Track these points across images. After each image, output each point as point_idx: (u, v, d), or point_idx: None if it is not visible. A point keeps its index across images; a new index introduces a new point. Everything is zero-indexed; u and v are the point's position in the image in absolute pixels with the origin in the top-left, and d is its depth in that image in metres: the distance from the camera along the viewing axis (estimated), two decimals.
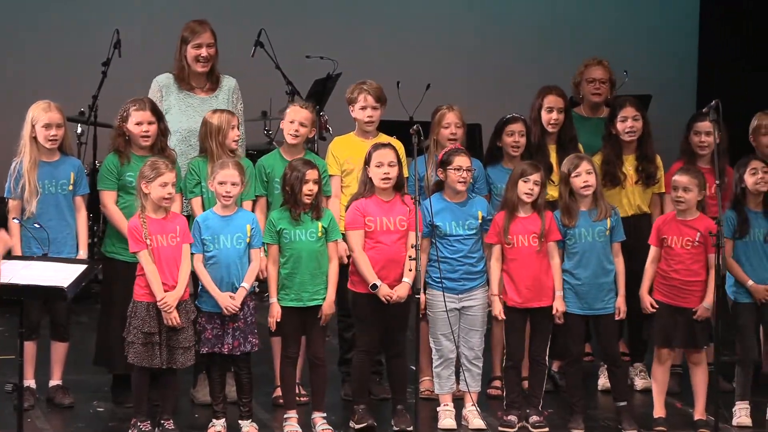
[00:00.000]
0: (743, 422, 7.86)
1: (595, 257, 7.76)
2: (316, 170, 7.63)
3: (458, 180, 7.74)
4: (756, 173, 7.84)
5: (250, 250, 7.60)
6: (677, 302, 7.77)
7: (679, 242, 7.74)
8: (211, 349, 7.57)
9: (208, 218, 7.62)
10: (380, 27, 12.69)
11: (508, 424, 7.73)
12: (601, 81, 8.67)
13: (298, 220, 7.58)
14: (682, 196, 7.72)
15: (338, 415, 7.93)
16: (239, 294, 7.53)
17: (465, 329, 7.83)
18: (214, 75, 8.27)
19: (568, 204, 7.77)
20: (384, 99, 8.14)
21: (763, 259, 7.88)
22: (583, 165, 7.74)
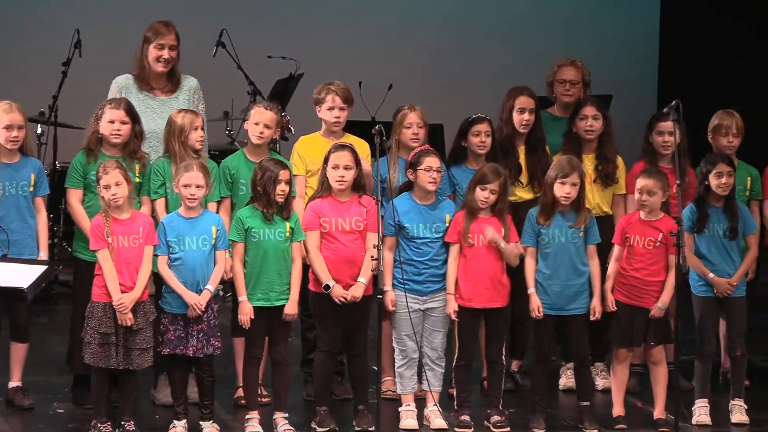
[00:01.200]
0: (702, 421, 7.90)
1: (567, 259, 7.78)
2: (287, 170, 7.64)
3: (428, 180, 7.75)
4: (721, 177, 7.88)
5: (216, 252, 7.58)
6: (636, 302, 7.80)
7: (642, 242, 7.78)
8: (173, 351, 7.55)
9: (173, 220, 7.60)
10: (342, 27, 12.69)
11: (465, 425, 7.74)
12: (572, 82, 8.69)
13: (271, 220, 7.57)
14: (647, 199, 7.76)
15: (300, 415, 7.92)
16: (204, 296, 7.51)
17: (428, 330, 7.84)
18: (174, 76, 8.24)
19: (550, 204, 7.77)
20: (351, 100, 8.15)
21: (723, 253, 7.91)
22: (572, 177, 7.74)
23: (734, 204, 7.92)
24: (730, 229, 7.88)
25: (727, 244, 7.90)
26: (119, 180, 7.48)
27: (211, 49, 10.58)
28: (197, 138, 7.87)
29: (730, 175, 7.88)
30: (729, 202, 7.90)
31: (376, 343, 7.67)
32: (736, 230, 7.89)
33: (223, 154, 9.33)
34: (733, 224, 7.87)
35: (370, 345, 7.83)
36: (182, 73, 8.30)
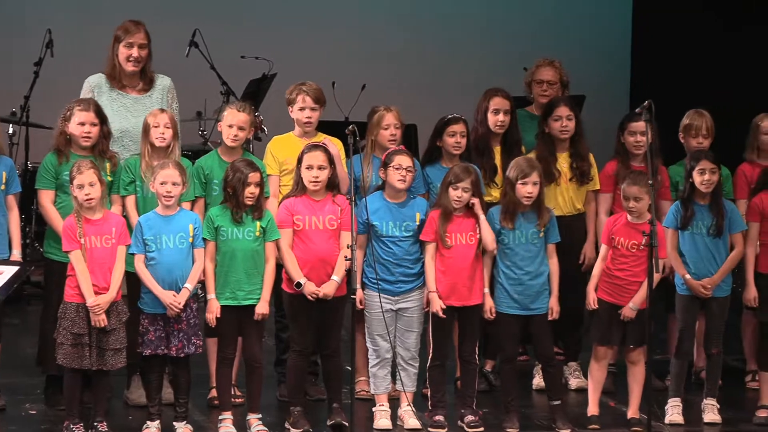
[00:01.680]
0: (675, 420, 7.92)
1: (528, 258, 7.80)
2: (258, 173, 7.63)
3: (398, 179, 7.75)
4: (704, 173, 7.89)
5: (194, 250, 7.57)
6: (618, 301, 7.81)
7: (626, 244, 7.79)
8: (154, 351, 7.53)
9: (149, 218, 7.58)
10: (315, 27, 12.68)
11: (439, 425, 7.74)
12: (550, 82, 8.71)
13: (240, 222, 7.56)
14: (634, 206, 7.77)
15: (273, 416, 7.91)
16: (182, 294, 7.50)
17: (401, 330, 7.84)
18: (147, 75, 8.22)
19: (510, 207, 7.78)
20: (323, 100, 8.14)
21: (706, 252, 7.93)
22: (532, 176, 7.75)
23: (720, 202, 7.93)
24: (715, 226, 7.90)
25: (710, 243, 7.92)
26: (93, 180, 7.45)
27: (184, 49, 10.55)
28: (156, 135, 7.84)
29: (713, 172, 7.90)
30: (715, 200, 7.92)
31: (349, 344, 7.67)
32: (721, 228, 7.90)
33: (196, 154, 9.31)
34: (718, 222, 7.89)
35: (344, 345, 7.82)
36: (156, 73, 8.28)
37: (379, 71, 12.26)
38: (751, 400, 8.26)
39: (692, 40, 12.50)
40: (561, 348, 8.56)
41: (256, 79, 11.01)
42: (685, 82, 12.16)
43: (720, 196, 7.95)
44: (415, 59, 12.80)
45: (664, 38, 12.66)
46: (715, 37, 12.44)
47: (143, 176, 7.83)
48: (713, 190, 7.90)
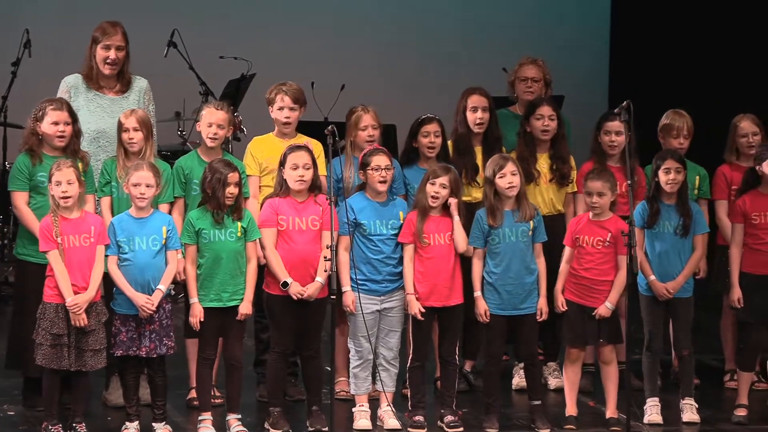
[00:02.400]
0: (654, 420, 7.93)
1: (518, 257, 7.79)
2: (237, 173, 7.61)
3: (378, 180, 7.75)
4: (669, 173, 7.91)
5: (167, 252, 7.55)
6: (587, 302, 7.83)
7: (591, 242, 7.80)
8: (126, 352, 7.52)
9: (122, 220, 7.57)
10: (294, 27, 12.68)
11: (418, 425, 7.74)
12: (534, 80, 8.72)
13: (221, 223, 7.55)
14: (597, 201, 7.78)
15: (253, 416, 7.90)
16: (155, 296, 7.48)
17: (384, 330, 7.83)
18: (124, 76, 8.20)
19: (494, 204, 7.79)
20: (303, 100, 8.13)
21: (671, 251, 7.95)
22: (508, 166, 7.77)
23: (687, 202, 7.96)
24: (682, 226, 7.92)
25: (678, 243, 7.94)
26: (71, 179, 7.43)
27: (163, 50, 10.53)
28: (126, 138, 7.82)
29: (678, 172, 7.92)
30: (681, 200, 7.94)
31: (329, 344, 7.66)
32: (688, 228, 7.93)
33: (175, 154, 9.30)
34: (685, 222, 7.92)
35: (324, 346, 7.81)
36: (133, 74, 8.26)
37: (358, 72, 12.27)
38: (729, 400, 8.29)
39: (671, 40, 12.54)
40: (540, 348, 8.57)
41: (234, 80, 11.00)
42: (664, 82, 12.20)
43: (686, 196, 7.97)
44: (394, 59, 12.81)
45: (643, 39, 12.70)
46: (694, 38, 12.48)
47: (118, 178, 7.82)
48: (679, 190, 7.92)
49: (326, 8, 12.83)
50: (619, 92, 12.16)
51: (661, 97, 10.10)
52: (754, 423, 8.00)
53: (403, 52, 12.86)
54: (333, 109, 10.64)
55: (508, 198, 7.79)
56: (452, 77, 10.83)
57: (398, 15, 12.95)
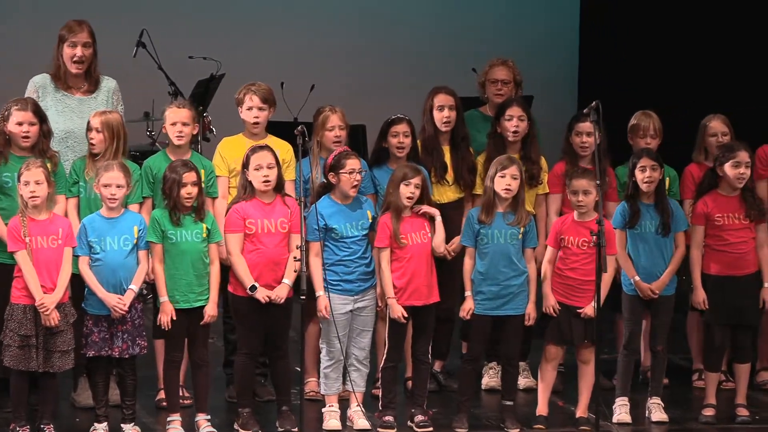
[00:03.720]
0: (623, 419, 7.95)
1: (505, 259, 7.79)
2: (194, 172, 7.58)
3: (352, 184, 7.75)
4: (644, 171, 7.93)
5: (138, 252, 7.53)
6: (572, 301, 7.83)
7: (576, 242, 7.82)
8: (98, 353, 7.50)
9: (93, 220, 7.55)
10: (264, 28, 12.66)
11: (388, 425, 7.74)
12: (504, 81, 8.72)
13: (179, 224, 7.53)
14: (582, 200, 7.79)
15: (222, 417, 7.89)
16: (127, 296, 7.47)
17: (357, 330, 7.83)
18: (92, 76, 8.17)
19: (490, 201, 7.78)
20: (272, 100, 8.12)
21: (654, 250, 7.97)
22: (511, 169, 7.77)
23: (666, 200, 7.97)
24: (662, 225, 7.95)
25: (660, 242, 7.97)
26: (40, 179, 7.41)
27: (132, 50, 10.49)
28: (88, 138, 7.80)
29: (654, 169, 7.94)
30: (660, 199, 7.96)
31: (299, 345, 7.65)
32: (668, 227, 7.95)
33: (144, 155, 9.26)
34: (665, 220, 7.94)
35: (293, 346, 7.81)
36: (102, 74, 8.23)
37: (328, 72, 12.26)
38: (697, 399, 8.32)
39: (640, 40, 12.57)
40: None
41: (204, 80, 10.96)
42: (633, 83, 12.23)
43: (664, 195, 8.00)
44: (364, 60, 12.80)
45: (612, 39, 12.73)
46: (664, 38, 12.52)
47: (86, 177, 7.79)
48: (657, 188, 7.95)
49: (296, 8, 12.82)
50: (588, 92, 12.18)
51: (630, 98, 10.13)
52: (721, 422, 8.04)
53: (372, 52, 12.85)
54: (303, 109, 10.63)
55: (503, 199, 7.79)
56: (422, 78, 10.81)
57: (367, 15, 12.94)
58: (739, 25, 12.22)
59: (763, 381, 8.70)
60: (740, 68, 12.12)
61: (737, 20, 12.24)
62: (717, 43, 12.29)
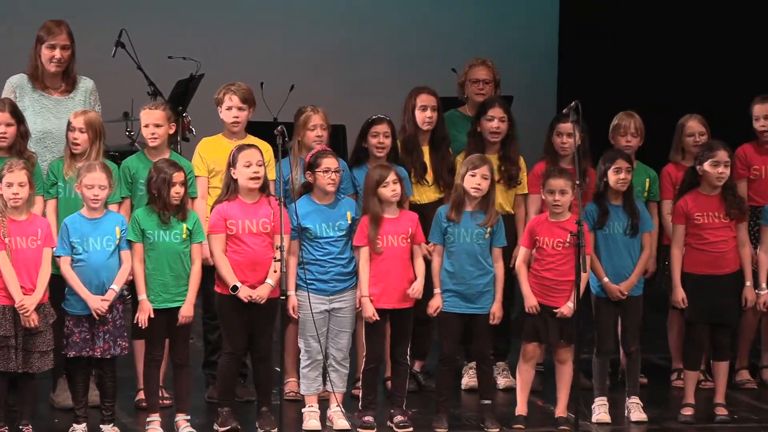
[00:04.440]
0: (602, 419, 7.97)
1: (471, 258, 7.80)
2: (182, 172, 7.59)
3: (327, 182, 7.74)
4: (620, 172, 7.95)
5: (121, 252, 7.52)
6: (548, 301, 7.84)
7: (551, 243, 7.82)
8: (79, 353, 7.48)
9: (75, 221, 7.52)
10: (243, 27, 12.65)
11: (368, 426, 7.74)
12: (485, 81, 8.74)
13: (167, 223, 7.52)
14: (559, 199, 7.80)
15: (202, 417, 7.88)
16: (109, 295, 7.45)
17: (334, 331, 7.83)
18: (70, 76, 8.15)
19: (460, 199, 7.79)
20: (251, 100, 8.12)
21: (622, 252, 7.99)
22: (482, 168, 7.77)
23: (633, 201, 8.00)
24: (631, 226, 7.96)
25: (628, 243, 7.98)
26: (23, 181, 7.39)
27: (111, 50, 10.47)
28: (71, 138, 7.78)
29: (628, 171, 7.96)
30: (628, 200, 7.99)
31: (278, 345, 7.65)
32: (636, 228, 7.97)
33: (123, 155, 9.25)
34: (633, 221, 7.96)
35: (273, 346, 7.80)
36: (79, 74, 8.21)
37: (308, 72, 12.25)
38: (676, 399, 8.34)
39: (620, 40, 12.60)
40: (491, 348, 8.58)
41: (183, 80, 10.95)
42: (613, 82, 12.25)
43: (632, 196, 8.02)
44: (344, 59, 12.80)
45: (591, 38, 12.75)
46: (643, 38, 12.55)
47: (65, 178, 7.77)
48: (626, 190, 7.97)
49: (276, 8, 12.81)
50: (567, 92, 12.20)
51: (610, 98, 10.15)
52: (700, 422, 8.06)
53: (352, 52, 12.86)
54: (282, 109, 10.62)
55: (472, 198, 7.80)
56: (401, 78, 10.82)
57: (347, 15, 12.94)
58: (716, 26, 12.26)
59: (742, 380, 8.73)
60: (717, 69, 12.16)
61: (715, 21, 12.28)
62: (695, 44, 12.33)
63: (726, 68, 12.05)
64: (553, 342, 7.88)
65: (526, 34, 13.10)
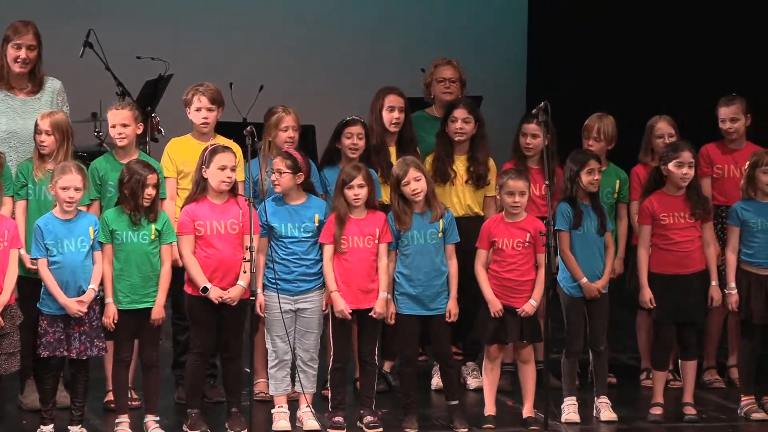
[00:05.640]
0: (572, 419, 7.99)
1: (428, 259, 7.82)
2: (155, 174, 7.58)
3: (275, 183, 7.73)
4: (592, 173, 7.97)
5: (93, 252, 7.50)
6: (509, 302, 7.86)
7: (510, 244, 7.84)
8: (53, 353, 7.44)
9: (49, 222, 7.49)
10: (212, 28, 12.64)
11: (337, 426, 7.74)
12: (451, 80, 8.75)
13: (138, 224, 7.50)
14: (519, 200, 7.82)
15: (171, 418, 7.86)
16: (87, 295, 7.42)
17: (301, 331, 7.82)
18: (36, 77, 8.12)
19: (400, 209, 7.81)
20: (220, 101, 8.11)
21: (595, 251, 8.01)
22: (410, 173, 7.78)
23: (599, 201, 8.04)
24: (600, 225, 7.99)
25: (599, 242, 8.01)
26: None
27: (79, 50, 10.43)
28: (38, 141, 7.75)
29: (599, 171, 8.00)
30: (595, 200, 8.02)
31: (248, 346, 7.64)
32: (605, 227, 8.01)
33: (92, 156, 9.23)
34: (602, 220, 7.99)
35: (243, 347, 7.79)
36: (46, 75, 8.18)
37: (277, 72, 12.25)
38: (645, 398, 8.37)
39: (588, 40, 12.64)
40: (459, 348, 8.60)
41: (152, 80, 10.92)
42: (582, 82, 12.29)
43: (599, 195, 8.05)
44: (313, 60, 12.80)
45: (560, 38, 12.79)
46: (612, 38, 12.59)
47: (35, 179, 7.74)
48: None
49: (244, 8, 12.79)
50: (536, 92, 12.24)
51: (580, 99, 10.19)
52: (669, 421, 8.10)
53: (321, 52, 12.86)
54: (252, 109, 10.61)
55: (416, 203, 7.81)
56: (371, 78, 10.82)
57: (316, 15, 12.94)
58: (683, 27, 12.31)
59: (710, 380, 8.77)
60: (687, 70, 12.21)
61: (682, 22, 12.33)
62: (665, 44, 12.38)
63: (695, 69, 12.11)
64: (513, 342, 7.90)
65: (496, 35, 13.14)
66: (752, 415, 8.13)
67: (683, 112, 8.94)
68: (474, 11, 13.18)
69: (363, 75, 12.33)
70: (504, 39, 13.19)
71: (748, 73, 11.53)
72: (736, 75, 11.43)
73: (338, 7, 13.00)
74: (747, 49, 11.93)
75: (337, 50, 12.89)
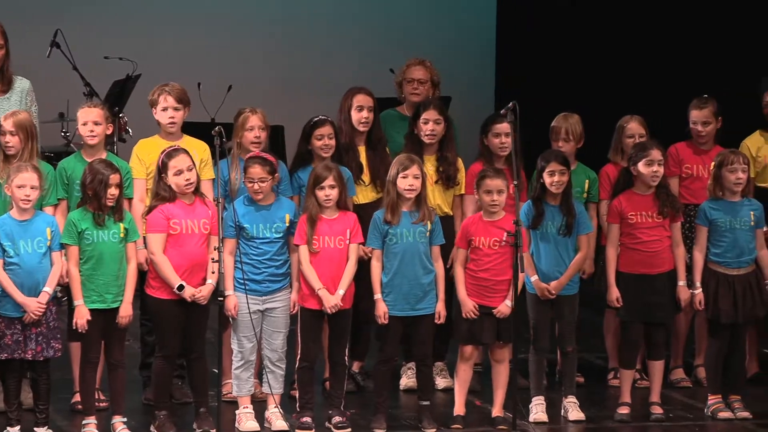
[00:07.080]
0: (539, 418, 8.00)
1: (416, 258, 7.80)
2: (118, 174, 7.55)
3: (254, 190, 7.71)
4: (553, 175, 7.98)
5: (52, 253, 7.45)
6: (486, 301, 7.85)
7: (487, 243, 7.84)
8: (11, 355, 7.41)
9: (5, 223, 7.45)
10: (180, 27, 12.61)
11: (306, 426, 7.73)
12: (420, 81, 8.75)
13: (102, 224, 7.47)
14: (497, 199, 7.82)
15: (138, 419, 7.83)
16: (42, 297, 7.40)
17: (268, 331, 7.81)
18: (5, 76, 8.09)
19: (394, 202, 7.79)
20: (186, 100, 8.09)
21: (555, 251, 8.03)
22: (412, 168, 7.78)
23: (571, 202, 8.03)
24: (565, 225, 8.00)
25: (561, 243, 8.02)
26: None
27: (46, 50, 10.39)
28: (2, 141, 7.73)
29: (562, 173, 7.99)
30: (566, 200, 8.02)
31: (215, 346, 7.62)
32: (571, 227, 8.01)
33: (59, 156, 9.18)
34: (568, 221, 7.99)
35: (210, 347, 7.77)
36: (15, 74, 8.14)
37: (245, 72, 12.23)
38: (613, 398, 8.39)
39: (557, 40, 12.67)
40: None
41: (119, 80, 10.89)
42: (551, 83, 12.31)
43: (570, 197, 8.05)
44: (281, 60, 12.79)
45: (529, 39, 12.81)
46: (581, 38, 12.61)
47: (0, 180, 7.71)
48: (564, 190, 8.01)
49: (212, 8, 12.77)
50: (505, 93, 12.25)
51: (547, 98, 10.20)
52: (636, 420, 8.12)
53: (290, 52, 12.84)
54: (220, 110, 10.59)
55: (406, 199, 7.81)
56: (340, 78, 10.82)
57: (285, 15, 12.93)
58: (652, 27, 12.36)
59: (677, 379, 8.80)
60: (657, 69, 12.25)
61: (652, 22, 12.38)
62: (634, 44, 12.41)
63: (665, 69, 12.15)
64: (489, 342, 7.90)
65: (464, 35, 13.14)
66: (719, 414, 8.17)
67: (652, 111, 8.96)
68: (443, 11, 13.19)
69: (332, 74, 12.32)
70: (473, 39, 13.20)
71: (717, 72, 11.58)
72: (705, 75, 11.48)
73: (307, 7, 12.99)
74: (716, 49, 11.98)
75: (306, 50, 12.88)
